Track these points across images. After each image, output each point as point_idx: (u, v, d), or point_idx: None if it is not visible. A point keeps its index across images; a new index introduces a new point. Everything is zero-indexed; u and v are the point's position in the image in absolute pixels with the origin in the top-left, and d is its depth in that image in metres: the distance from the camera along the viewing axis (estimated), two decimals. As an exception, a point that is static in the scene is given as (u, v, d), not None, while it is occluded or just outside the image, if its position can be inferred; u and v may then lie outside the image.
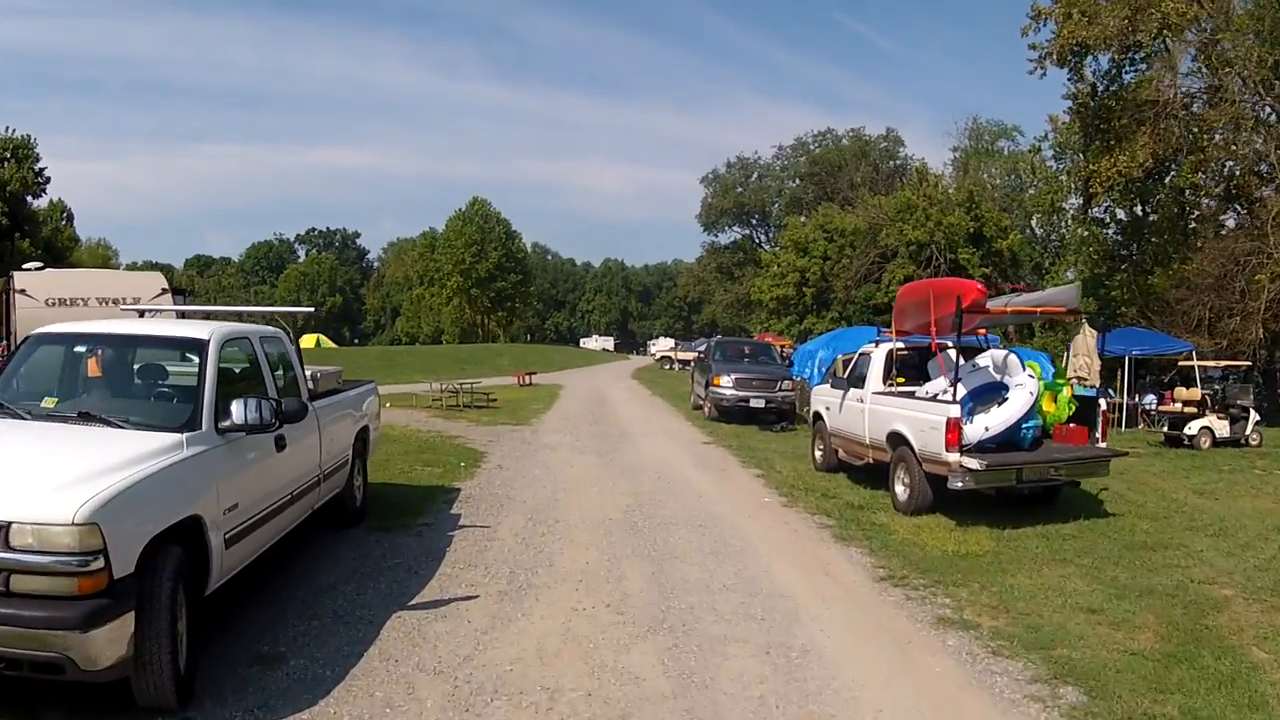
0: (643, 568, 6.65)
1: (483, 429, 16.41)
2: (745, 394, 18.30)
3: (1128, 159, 26.75)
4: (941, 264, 40.45)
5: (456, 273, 74.28)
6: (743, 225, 66.14)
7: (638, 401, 26.13)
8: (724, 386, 18.48)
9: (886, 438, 9.43)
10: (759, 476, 11.40)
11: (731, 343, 24.98)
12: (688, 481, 10.87)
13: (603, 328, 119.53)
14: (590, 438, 15.42)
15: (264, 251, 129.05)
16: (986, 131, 58.86)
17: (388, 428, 15.76)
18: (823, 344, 23.66)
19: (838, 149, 62.39)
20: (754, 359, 21.00)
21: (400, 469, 11.07)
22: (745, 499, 9.81)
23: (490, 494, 9.62)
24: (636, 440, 15.35)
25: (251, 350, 5.82)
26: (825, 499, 9.69)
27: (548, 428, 17.15)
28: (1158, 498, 11.01)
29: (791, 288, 44.30)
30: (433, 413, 19.45)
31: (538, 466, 11.77)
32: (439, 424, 17.06)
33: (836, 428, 11.15)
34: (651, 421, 19.30)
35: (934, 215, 40.89)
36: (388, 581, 6.25)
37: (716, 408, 18.70)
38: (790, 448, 14.45)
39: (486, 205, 76.64)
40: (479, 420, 18.09)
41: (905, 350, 10.38)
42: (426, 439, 14.37)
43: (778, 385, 18.71)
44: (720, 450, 14.17)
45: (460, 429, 16.21)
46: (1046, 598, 6.47)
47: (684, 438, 16.13)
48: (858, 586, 6.46)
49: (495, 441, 14.40)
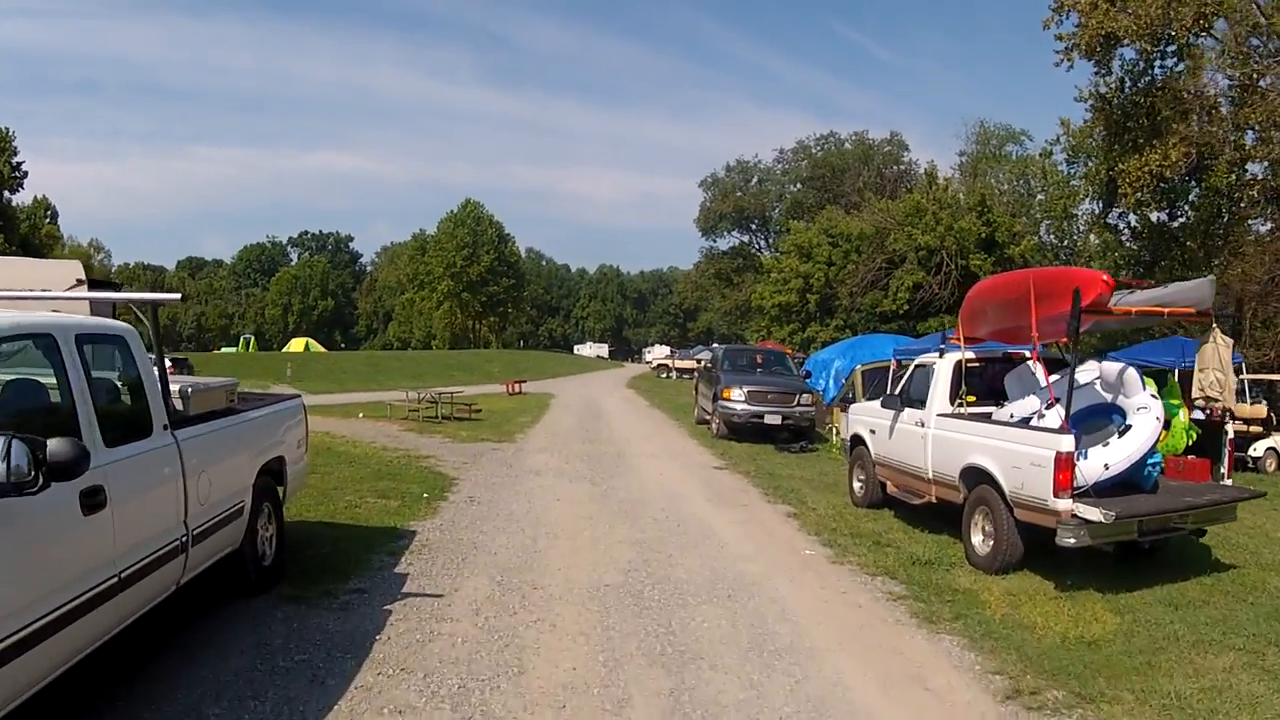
0: (655, 681, 4.51)
1: (459, 447, 14.33)
2: (759, 409, 16.16)
3: (1159, 158, 25.03)
4: (953, 270, 38.59)
5: (447, 276, 71.62)
6: (742, 230, 64.10)
7: (635, 414, 24.01)
8: (735, 400, 16.34)
9: (960, 474, 7.37)
10: (791, 516, 9.27)
11: (741, 351, 22.38)
12: (704, 524, 8.72)
13: (597, 334, 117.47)
14: (582, 459, 13.34)
15: (256, 254, 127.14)
16: (994, 136, 57.31)
17: (349, 445, 13.77)
18: (838, 352, 21.46)
19: (840, 153, 60.60)
20: (767, 369, 18.82)
21: (347, 502, 8.96)
22: (781, 551, 7.69)
23: (452, 540, 7.50)
24: (636, 463, 13.26)
25: (54, 355, 3.71)
26: (880, 549, 7.62)
27: (534, 445, 15.08)
28: (1262, 539, 9.03)
29: (794, 294, 42.26)
30: (407, 426, 17.39)
31: (517, 499, 9.66)
32: (410, 440, 14.98)
33: (884, 456, 9.11)
34: (652, 439, 17.13)
35: (945, 219, 39.04)
36: (275, 701, 4.16)
37: (726, 424, 16.57)
38: (817, 474, 12.40)
39: (479, 207, 74.34)
40: (457, 435, 16.02)
41: (975, 361, 8.32)
42: (390, 460, 12.28)
43: (795, 399, 16.56)
44: (736, 477, 12.07)
45: (433, 446, 14.13)
46: (1227, 713, 4.49)
47: (691, 460, 14.03)
48: (977, 711, 4.39)
49: (471, 464, 12.30)
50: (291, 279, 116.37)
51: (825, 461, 13.96)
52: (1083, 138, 39.57)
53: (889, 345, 19.58)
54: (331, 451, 12.76)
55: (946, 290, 37.72)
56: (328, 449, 13.02)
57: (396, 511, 8.52)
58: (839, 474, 12.27)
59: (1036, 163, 51.49)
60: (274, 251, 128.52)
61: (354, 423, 18.01)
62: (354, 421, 18.32)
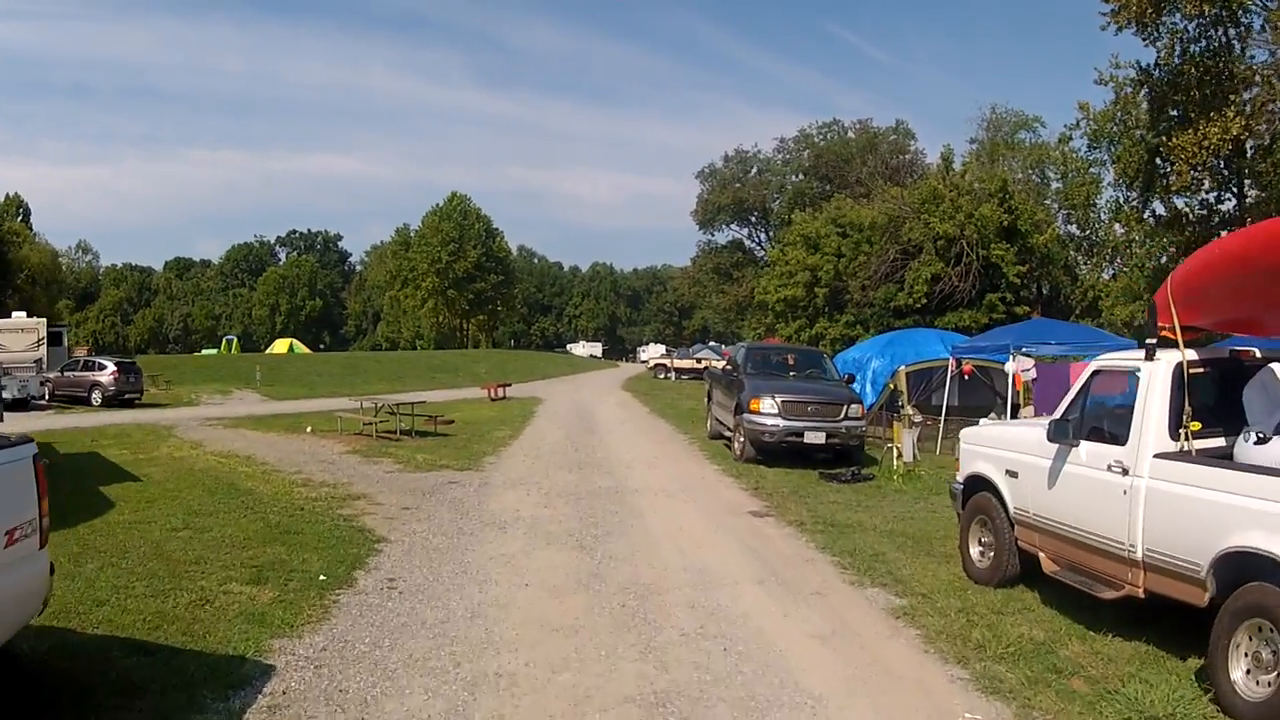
0: None
1: (408, 479, 11.36)
2: (798, 424, 12.85)
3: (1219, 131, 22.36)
4: (974, 261, 35.80)
5: (432, 272, 68.01)
6: (741, 223, 61.22)
7: (634, 424, 20.89)
8: (766, 414, 13.00)
9: (1214, 563, 4.46)
10: (900, 616, 5.96)
11: (769, 350, 18.13)
12: (766, 645, 5.31)
13: (590, 333, 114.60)
14: (568, 499, 10.20)
15: (243, 254, 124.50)
16: (1005, 122, 54.59)
17: (263, 477, 10.65)
18: (875, 350, 18.01)
19: (843, 142, 57.79)
20: (801, 372, 15.19)
21: (198, 591, 5.99)
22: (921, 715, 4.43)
23: (325, 697, 4.44)
24: (642, 505, 9.95)
25: None
26: (1079, 697, 4.55)
27: (506, 475, 12.07)
28: None
29: (801, 288, 39.38)
30: (355, 445, 14.46)
31: (463, 583, 6.60)
32: (347, 468, 12.03)
33: (1037, 514, 6.12)
34: (659, 463, 13.75)
35: (965, 206, 36.21)
36: None
37: (754, 444, 13.25)
38: (893, 520, 9.21)
39: (466, 201, 70.71)
40: (411, 460, 13.05)
41: (1199, 366, 5.29)
42: (303, 504, 9.29)
43: (842, 411, 13.13)
44: (787, 532, 8.71)
45: (373, 480, 11.16)
46: None
47: (717, 499, 10.60)
48: None
49: (413, 510, 9.31)
50: (279, 279, 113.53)
51: (892, 497, 10.77)
52: (1104, 121, 36.98)
53: (934, 341, 16.70)
54: (231, 490, 9.82)
55: (967, 282, 34.90)
56: (229, 486, 10.08)
57: (264, 615, 5.54)
58: (919, 516, 9.38)
59: (1051, 150, 48.86)
60: (262, 251, 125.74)
61: (293, 441, 15.08)
62: (295, 439, 15.38)
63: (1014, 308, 35.19)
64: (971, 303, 34.91)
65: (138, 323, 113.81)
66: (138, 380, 24.14)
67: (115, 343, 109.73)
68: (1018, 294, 36.34)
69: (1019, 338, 12.36)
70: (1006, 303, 35.14)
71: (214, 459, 12.48)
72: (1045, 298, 43.37)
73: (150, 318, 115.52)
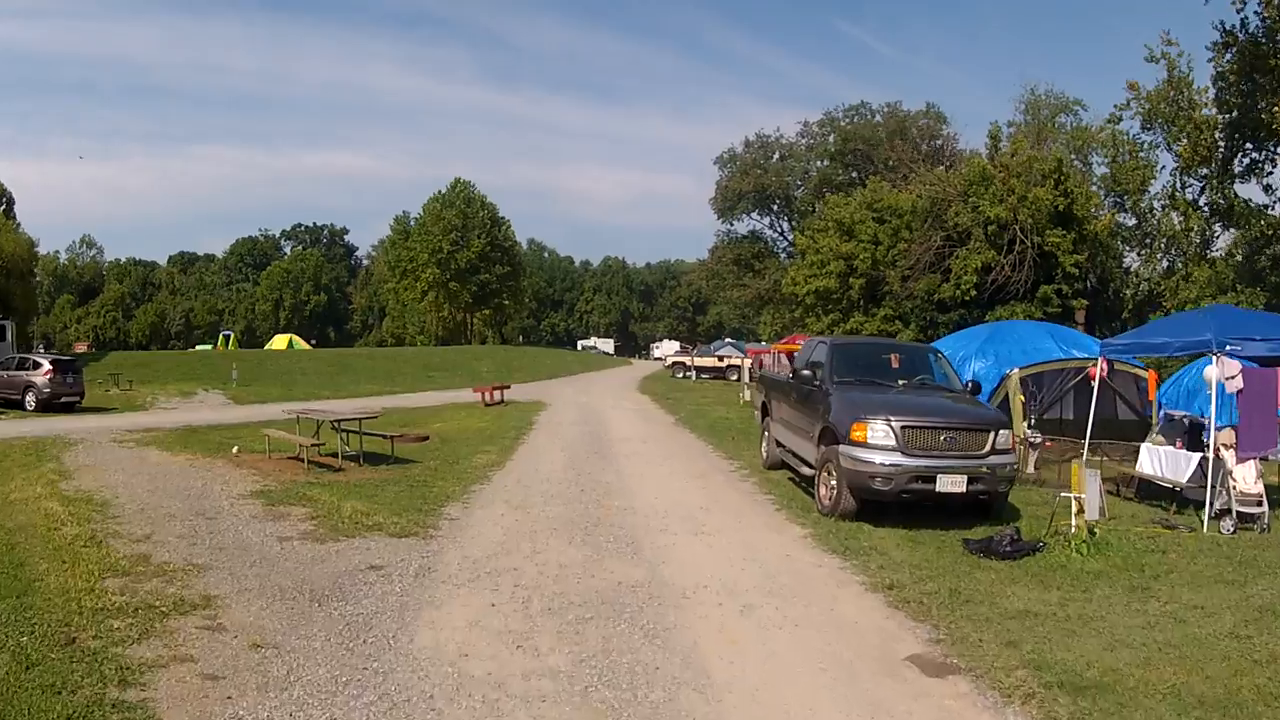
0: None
1: (305, 558, 7.21)
2: (929, 462, 8.58)
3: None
4: (1028, 248, 32.24)
5: (433, 263, 64.16)
6: (762, 211, 57.58)
7: (660, 443, 16.25)
8: (879, 446, 8.64)
9: None
10: None
11: (863, 347, 13.31)
12: None
13: (602, 329, 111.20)
14: (564, 623, 5.69)
15: (248, 248, 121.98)
16: (1044, 105, 50.80)
17: (77, 548, 7.07)
18: (973, 347, 13.28)
19: (871, 125, 54.11)
20: (911, 379, 10.47)
21: None
22: None
23: None
24: (708, 644, 5.39)
25: None
26: None
27: (466, 554, 7.43)
28: None
29: (834, 278, 35.81)
30: (271, 481, 10.89)
31: None
32: (229, 530, 8.15)
33: None
34: (711, 521, 9.01)
35: (1018, 188, 32.58)
36: None
37: (857, 490, 8.79)
38: (1161, 651, 5.29)
39: (469, 188, 66.61)
40: (333, 513, 8.86)
41: None
42: (81, 627, 5.50)
43: (989, 442, 8.78)
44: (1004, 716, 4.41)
45: (252, 556, 7.22)
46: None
47: (840, 624, 5.85)
48: None
49: (258, 664, 5.04)
50: (283, 273, 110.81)
51: (1103, 591, 6.65)
52: (1158, 101, 33.29)
53: (1041, 336, 13.19)
54: (3, 579, 6.22)
55: (1021, 272, 31.32)
56: (12, 569, 6.45)
57: None
58: (1192, 636, 5.61)
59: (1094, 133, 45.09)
60: (266, 245, 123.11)
61: (196, 471, 11.56)
62: (203, 467, 11.91)
63: (1069, 301, 31.64)
64: (1028, 294, 31.37)
65: (139, 318, 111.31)
66: (76, 382, 20.89)
67: (117, 338, 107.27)
68: (1073, 285, 32.74)
69: (1220, 329, 8.28)
70: (1061, 295, 31.56)
71: (54, 505, 8.95)
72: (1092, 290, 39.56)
73: (152, 313, 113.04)
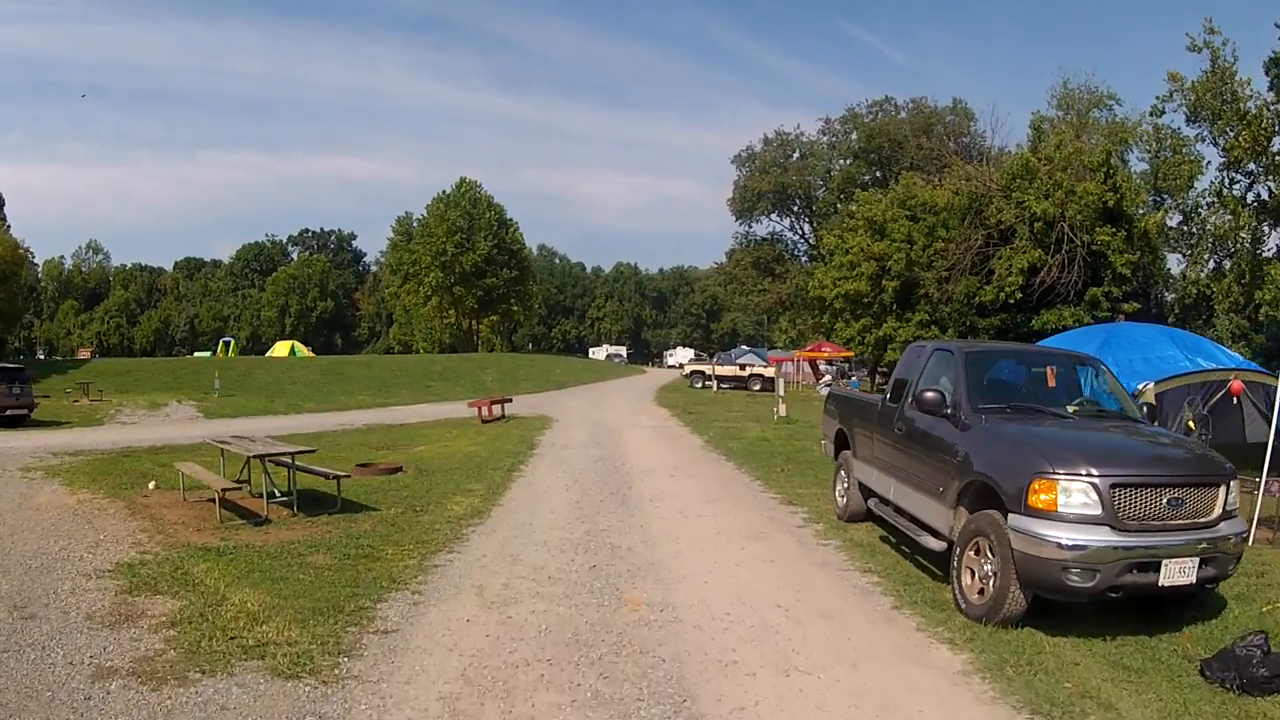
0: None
1: (129, 712, 4.12)
2: (1152, 540, 5.23)
3: None
4: (1077, 247, 29.57)
5: (436, 266, 61.80)
6: (782, 212, 55.03)
7: (691, 476, 12.29)
8: (1076, 517, 5.19)
9: None
10: None
11: (1004, 354, 8.30)
12: None
13: (614, 336, 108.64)
14: None
15: (254, 253, 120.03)
16: (1078, 100, 48.10)
17: None
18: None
19: (895, 121, 51.52)
20: (1072, 399, 6.93)
21: None
22: None
23: None
24: None
25: None
26: None
27: None
28: None
29: (865, 280, 33.20)
30: (163, 541, 7.84)
31: None
32: (68, 630, 5.84)
33: None
34: (798, 625, 5.52)
35: (1065, 182, 29.92)
36: None
37: (1035, 584, 5.31)
38: None
39: (476, 188, 63.99)
40: (214, 611, 5.76)
41: None
42: None
43: (1221, 500, 5.46)
44: None
45: (35, 716, 4.34)
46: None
47: None
48: None
49: None
50: (289, 279, 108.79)
51: None
52: (1203, 92, 30.54)
53: (1163, 343, 10.61)
54: None
55: (1071, 273, 28.67)
56: None
57: None
58: None
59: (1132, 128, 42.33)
60: (273, 250, 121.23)
61: (74, 523, 8.49)
62: (104, 508, 9.20)
63: (1118, 304, 28.92)
64: (1077, 297, 28.72)
65: (143, 324, 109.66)
66: (25, 393, 18.58)
67: (120, 344, 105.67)
68: (1122, 288, 30.03)
69: None
70: (1111, 298, 28.85)
71: None
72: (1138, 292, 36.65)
73: (156, 319, 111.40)
